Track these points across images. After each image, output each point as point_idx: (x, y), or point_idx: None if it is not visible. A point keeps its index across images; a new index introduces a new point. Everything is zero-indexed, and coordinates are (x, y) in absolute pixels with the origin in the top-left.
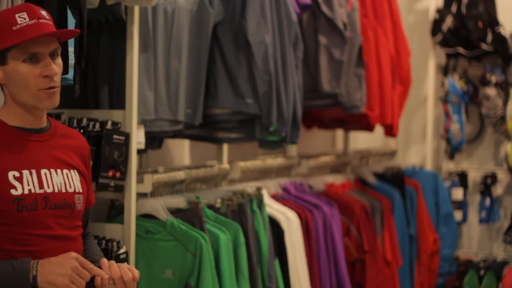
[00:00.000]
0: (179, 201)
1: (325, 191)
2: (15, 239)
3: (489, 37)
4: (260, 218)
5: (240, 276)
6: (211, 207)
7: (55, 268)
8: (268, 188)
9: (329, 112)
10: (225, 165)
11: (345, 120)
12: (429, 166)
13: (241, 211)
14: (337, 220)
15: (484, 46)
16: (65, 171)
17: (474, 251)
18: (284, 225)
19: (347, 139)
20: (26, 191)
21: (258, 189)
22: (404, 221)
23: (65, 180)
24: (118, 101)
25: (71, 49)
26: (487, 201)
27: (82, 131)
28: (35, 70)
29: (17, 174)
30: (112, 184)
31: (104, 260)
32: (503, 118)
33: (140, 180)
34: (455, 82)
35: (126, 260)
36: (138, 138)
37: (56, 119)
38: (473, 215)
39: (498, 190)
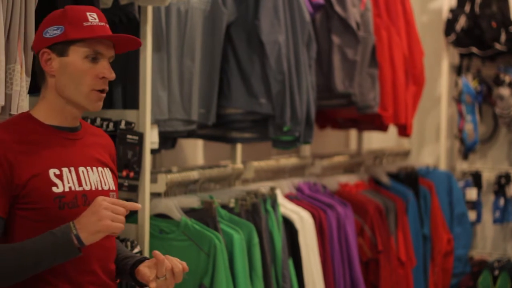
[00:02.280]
0: (193, 201)
1: (338, 191)
2: None
3: (503, 37)
4: (274, 218)
5: (254, 276)
6: (225, 207)
7: (91, 217)
8: (282, 188)
9: (343, 112)
10: (239, 165)
11: (358, 120)
12: (443, 166)
13: (255, 211)
14: (351, 220)
15: (498, 46)
16: (99, 169)
17: (488, 251)
18: (298, 225)
19: (361, 139)
20: (66, 189)
21: (272, 189)
22: (418, 221)
23: (100, 178)
24: (132, 101)
25: None
26: (501, 201)
27: None
28: (94, 70)
29: (57, 172)
30: (126, 184)
31: (157, 251)
32: None
33: (154, 180)
34: (469, 82)
35: None
36: (151, 138)
37: None
38: (487, 215)
39: None
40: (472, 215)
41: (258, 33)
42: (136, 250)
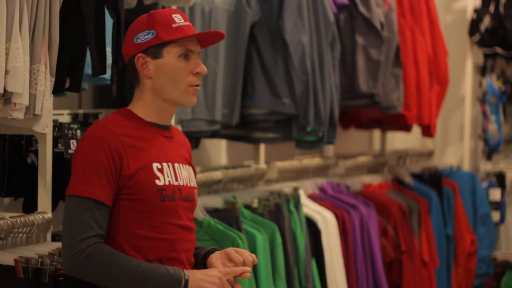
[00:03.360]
0: (216, 201)
1: (362, 191)
2: (155, 227)
3: None
4: (297, 218)
5: (277, 276)
6: (248, 207)
7: (204, 277)
8: (305, 188)
9: (366, 112)
10: (262, 165)
11: (382, 120)
12: (466, 167)
13: (278, 211)
14: (374, 220)
15: None
16: (187, 167)
17: (511, 252)
18: (321, 225)
19: (384, 139)
20: (166, 182)
21: (295, 189)
22: (441, 222)
23: (188, 175)
24: None
25: (108, 49)
26: None
27: None
28: (188, 67)
29: (159, 166)
30: None
31: (230, 249)
32: None
33: None
34: (493, 82)
35: None
36: None
37: (93, 119)
38: (511, 216)
39: None
40: (495, 216)
41: (282, 33)
42: None
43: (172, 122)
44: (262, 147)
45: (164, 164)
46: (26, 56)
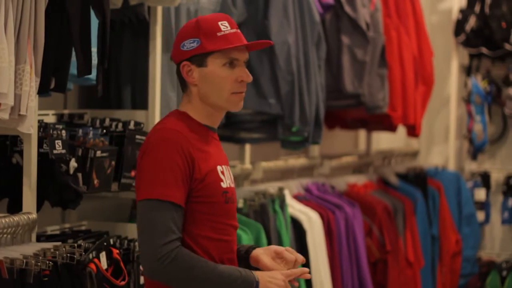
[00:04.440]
0: None
1: (347, 191)
2: (217, 229)
3: None
4: (282, 218)
5: None
6: None
7: (271, 279)
8: (290, 189)
9: (352, 112)
10: (248, 165)
11: (367, 120)
12: (451, 167)
13: (263, 211)
14: (359, 220)
15: (508, 46)
16: (229, 168)
17: (496, 252)
18: (306, 225)
19: (370, 139)
20: (227, 185)
21: (280, 189)
22: (426, 222)
23: (232, 178)
24: (141, 101)
25: (94, 49)
26: (510, 202)
27: (104, 131)
28: (232, 75)
29: (221, 168)
30: (134, 184)
31: (279, 247)
32: None
33: None
34: (478, 82)
35: None
36: None
37: (79, 119)
38: (496, 216)
39: None
40: (480, 216)
41: (268, 34)
42: None
43: None
44: (248, 147)
45: (224, 167)
46: (11, 56)
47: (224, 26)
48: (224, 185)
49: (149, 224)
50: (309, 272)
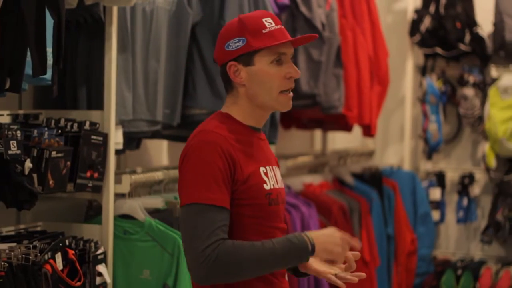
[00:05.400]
0: (157, 202)
1: (303, 191)
2: (262, 231)
3: (467, 38)
4: None
5: None
6: None
7: (329, 239)
8: None
9: (308, 112)
10: None
11: (323, 120)
12: (407, 166)
13: None
14: (315, 220)
15: (462, 47)
16: (277, 168)
17: (451, 251)
18: None
19: (325, 139)
20: (271, 186)
21: None
22: (382, 221)
23: (280, 177)
24: (96, 102)
25: (49, 50)
26: (465, 201)
27: (60, 131)
28: (281, 72)
29: (264, 170)
30: (90, 184)
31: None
32: (480, 118)
33: (118, 181)
34: (433, 82)
35: (103, 260)
36: (116, 139)
37: (34, 119)
38: (451, 215)
39: (475, 190)
40: (435, 215)
41: None
42: (99, 251)
43: (113, 123)
44: None
45: (268, 168)
46: None
47: (269, 23)
48: (267, 186)
49: (191, 229)
50: None
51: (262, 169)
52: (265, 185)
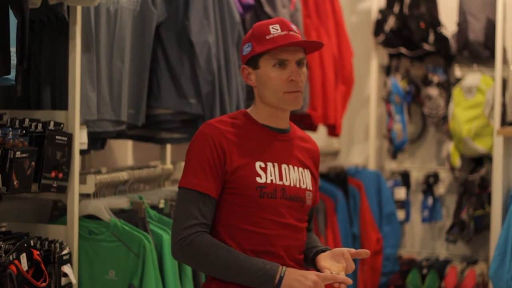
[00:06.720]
0: (122, 202)
1: None
2: (253, 221)
3: (431, 38)
4: None
5: (184, 277)
6: (154, 207)
7: (300, 278)
8: None
9: None
10: (169, 165)
11: None
12: (372, 166)
13: None
14: None
15: (426, 47)
16: (300, 169)
17: (416, 250)
18: None
19: None
20: (268, 181)
21: None
22: (347, 221)
23: (300, 177)
24: (61, 102)
25: (13, 50)
26: (430, 201)
27: (24, 131)
28: (282, 75)
29: (262, 165)
30: (54, 185)
31: (343, 250)
32: (445, 118)
33: (83, 181)
34: (398, 82)
35: (69, 261)
36: (80, 139)
37: None
38: (416, 214)
39: (440, 189)
40: (400, 214)
41: (188, 34)
42: (65, 251)
43: (77, 123)
44: (169, 147)
45: (269, 164)
46: None
47: (274, 29)
48: (260, 180)
49: (177, 209)
50: None
51: (259, 163)
52: (258, 178)
